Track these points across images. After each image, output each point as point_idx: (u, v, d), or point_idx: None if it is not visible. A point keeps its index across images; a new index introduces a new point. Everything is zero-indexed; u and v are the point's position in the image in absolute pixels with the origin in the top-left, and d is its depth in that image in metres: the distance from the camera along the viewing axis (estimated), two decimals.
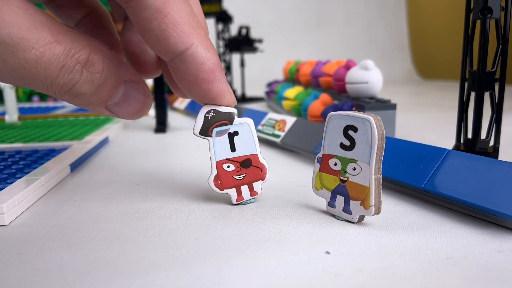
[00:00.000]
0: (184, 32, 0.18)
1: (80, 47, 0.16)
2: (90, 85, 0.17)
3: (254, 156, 0.23)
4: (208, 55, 0.19)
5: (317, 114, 0.40)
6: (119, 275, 0.16)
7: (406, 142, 0.25)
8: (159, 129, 0.49)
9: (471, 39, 0.27)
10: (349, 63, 0.43)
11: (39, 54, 0.15)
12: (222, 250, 0.18)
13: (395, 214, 0.22)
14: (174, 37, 0.17)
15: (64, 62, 0.16)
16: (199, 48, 0.18)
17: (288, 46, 1.64)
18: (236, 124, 0.22)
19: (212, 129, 0.22)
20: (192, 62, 0.19)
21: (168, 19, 0.17)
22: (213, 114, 0.22)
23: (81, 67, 0.17)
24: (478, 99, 0.27)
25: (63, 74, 0.16)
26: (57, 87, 0.17)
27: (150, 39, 0.18)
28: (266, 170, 0.23)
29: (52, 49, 0.16)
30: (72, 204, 0.24)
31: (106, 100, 0.19)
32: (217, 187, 0.23)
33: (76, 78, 0.17)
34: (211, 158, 0.22)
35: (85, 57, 0.17)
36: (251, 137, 0.23)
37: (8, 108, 0.47)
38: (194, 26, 0.18)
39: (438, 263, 0.16)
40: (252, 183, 0.23)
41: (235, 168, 0.23)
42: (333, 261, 0.16)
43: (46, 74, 0.16)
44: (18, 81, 0.16)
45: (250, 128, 0.23)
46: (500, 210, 0.18)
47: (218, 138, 0.22)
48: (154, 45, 0.18)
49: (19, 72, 0.16)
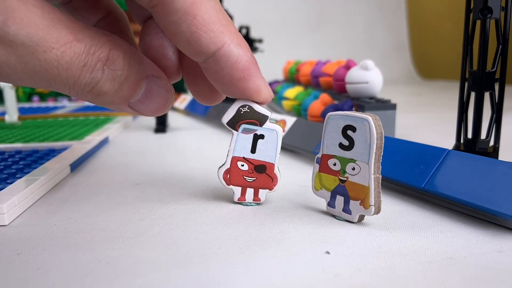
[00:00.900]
0: (215, 32, 0.17)
1: (100, 44, 0.16)
2: (112, 83, 0.17)
3: (271, 164, 0.23)
4: (241, 52, 0.18)
5: (317, 114, 0.40)
6: (119, 275, 0.16)
7: (406, 142, 0.25)
8: (159, 129, 0.49)
9: (471, 39, 0.27)
10: (349, 63, 0.43)
11: (60, 54, 0.15)
12: (222, 250, 0.18)
13: (395, 214, 0.22)
14: (205, 38, 0.17)
15: (85, 61, 0.16)
16: (231, 47, 0.18)
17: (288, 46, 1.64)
18: (266, 128, 0.22)
19: (241, 124, 0.22)
20: (226, 62, 0.18)
21: (197, 20, 0.16)
22: (246, 110, 0.21)
23: (102, 65, 0.16)
24: (478, 99, 0.27)
25: (85, 73, 0.16)
26: (79, 87, 0.16)
27: (180, 43, 0.17)
28: (277, 182, 0.23)
29: (73, 48, 0.15)
30: (72, 204, 0.24)
31: (128, 98, 0.18)
32: (225, 180, 0.22)
33: (98, 76, 0.16)
34: (228, 151, 0.22)
35: (106, 55, 0.16)
36: (275, 146, 0.22)
37: (8, 108, 0.47)
38: (224, 24, 0.17)
39: (438, 263, 0.16)
40: (258, 189, 0.23)
41: (248, 169, 0.22)
42: (333, 261, 0.16)
43: (68, 75, 0.15)
44: (40, 83, 0.16)
45: (278, 136, 0.22)
46: (500, 210, 0.18)
47: (243, 135, 0.22)
48: (185, 48, 0.17)
49: (41, 74, 0.15)
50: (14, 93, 0.47)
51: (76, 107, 0.68)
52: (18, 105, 0.64)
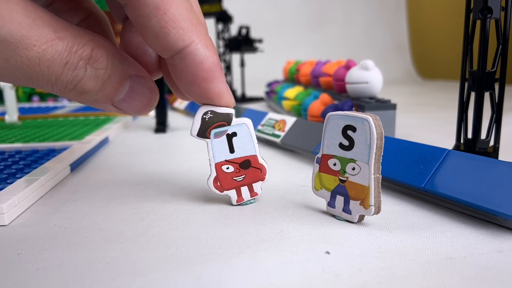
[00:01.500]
0: (184, 29, 0.17)
1: (83, 43, 0.16)
2: (95, 81, 0.17)
3: (253, 157, 0.23)
4: (208, 54, 0.19)
5: (317, 114, 0.40)
6: (119, 275, 0.16)
7: (406, 142, 0.25)
8: (159, 129, 0.49)
9: (471, 39, 0.27)
10: (349, 63, 0.43)
11: (41, 52, 0.15)
12: (222, 250, 0.18)
13: (395, 214, 0.22)
14: (174, 34, 0.17)
15: (67, 59, 0.16)
16: (198, 46, 0.18)
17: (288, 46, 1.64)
18: (234, 125, 0.22)
19: (210, 130, 0.22)
20: (191, 60, 0.18)
21: (167, 16, 0.17)
22: (210, 116, 0.21)
23: (84, 63, 0.16)
24: (478, 99, 0.27)
25: (66, 71, 0.16)
26: (61, 85, 0.16)
27: (149, 37, 0.17)
28: (266, 171, 0.23)
29: (55, 45, 0.15)
30: (72, 204, 0.24)
31: (112, 97, 0.18)
32: (217, 189, 0.23)
33: (81, 74, 0.16)
34: (210, 160, 0.22)
35: (88, 53, 0.16)
36: (249, 138, 0.22)
37: (8, 108, 0.47)
38: (194, 23, 0.18)
39: (438, 263, 0.16)
40: (252, 184, 0.23)
41: (234, 169, 0.23)
42: (333, 261, 0.16)
43: (50, 72, 0.16)
44: (22, 81, 0.16)
45: (249, 128, 0.22)
46: (500, 210, 0.18)
47: (216, 140, 0.22)
48: (153, 43, 0.18)
49: (22, 71, 0.15)
50: (14, 93, 0.47)
51: (76, 107, 0.68)
52: (18, 105, 0.64)
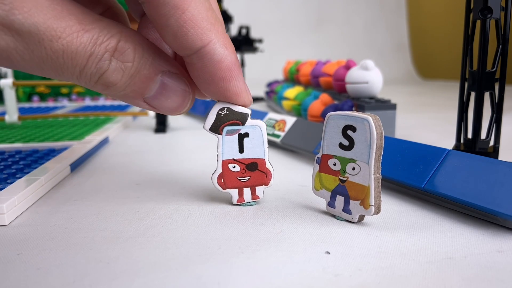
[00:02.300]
0: (202, 29, 0.17)
1: (109, 35, 0.16)
2: (120, 74, 0.17)
3: (261, 160, 0.22)
4: (226, 53, 0.18)
5: (317, 114, 0.40)
6: (119, 275, 0.16)
7: (406, 142, 0.25)
8: (159, 129, 0.49)
9: (471, 39, 0.27)
10: (349, 63, 0.43)
11: (65, 44, 0.15)
12: (222, 250, 0.18)
13: (395, 214, 0.22)
14: (192, 33, 0.17)
15: (91, 51, 0.16)
16: (217, 45, 0.18)
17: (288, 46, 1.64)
18: (248, 125, 0.22)
19: (223, 127, 0.22)
20: (209, 60, 0.18)
21: (186, 15, 0.16)
22: (226, 112, 0.21)
23: (109, 56, 0.16)
24: (478, 99, 0.27)
25: (91, 63, 0.16)
26: (86, 77, 0.16)
27: (167, 36, 0.17)
28: (271, 176, 0.23)
29: (80, 37, 0.15)
30: (72, 204, 0.24)
31: (142, 92, 0.18)
32: (220, 186, 0.22)
33: (105, 67, 0.16)
34: (217, 156, 0.22)
35: (114, 45, 0.16)
36: (261, 141, 0.22)
37: (8, 108, 0.47)
38: (212, 22, 0.17)
39: (438, 263, 0.16)
40: (255, 187, 0.23)
41: (240, 169, 0.22)
42: (333, 261, 0.16)
43: (74, 64, 0.16)
44: (49, 73, 0.16)
45: (262, 131, 0.22)
46: (500, 210, 0.18)
47: (227, 137, 0.22)
48: (172, 42, 0.17)
49: (48, 63, 0.15)
50: (14, 93, 0.47)
51: (76, 107, 0.68)
52: (18, 105, 0.64)
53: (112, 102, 0.75)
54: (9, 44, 0.15)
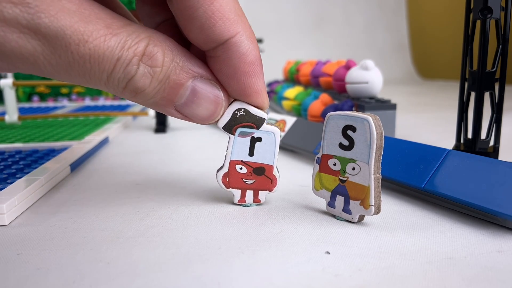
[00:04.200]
0: (230, 20, 0.17)
1: (137, 39, 0.16)
2: (148, 80, 0.16)
3: (270, 166, 0.22)
4: (252, 47, 0.18)
5: (317, 114, 0.40)
6: (119, 275, 0.16)
7: (406, 142, 0.25)
8: (159, 129, 0.49)
9: (471, 39, 0.27)
10: (349, 63, 0.43)
11: (92, 48, 0.15)
12: (222, 250, 0.18)
13: (395, 214, 0.22)
14: (220, 24, 0.17)
15: (119, 55, 0.15)
16: (243, 38, 0.18)
17: (288, 46, 1.64)
18: (263, 130, 0.22)
19: (237, 127, 0.21)
20: (235, 51, 0.18)
21: (214, 6, 0.16)
22: (242, 114, 0.21)
23: (138, 60, 0.16)
24: (478, 99, 0.27)
25: (118, 67, 0.16)
26: (113, 83, 0.16)
27: (193, 29, 0.17)
28: (276, 183, 0.23)
29: (107, 41, 0.15)
30: (72, 204, 0.24)
31: (172, 99, 0.17)
32: (224, 184, 0.22)
33: (132, 72, 0.16)
34: (226, 155, 0.22)
35: (142, 49, 0.16)
36: (273, 148, 0.22)
37: (8, 108, 0.47)
38: (239, 14, 0.17)
39: (438, 263, 0.16)
40: (258, 191, 0.23)
41: (247, 172, 0.22)
42: (333, 261, 0.16)
43: (101, 69, 0.15)
44: (76, 78, 0.16)
45: (275, 138, 0.22)
46: (500, 210, 0.18)
47: (240, 138, 0.22)
48: (198, 35, 0.17)
49: (75, 67, 0.15)
50: (14, 93, 0.47)
51: (76, 107, 0.68)
52: (18, 105, 0.64)
53: (112, 102, 0.75)
54: (36, 48, 0.14)
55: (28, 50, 0.14)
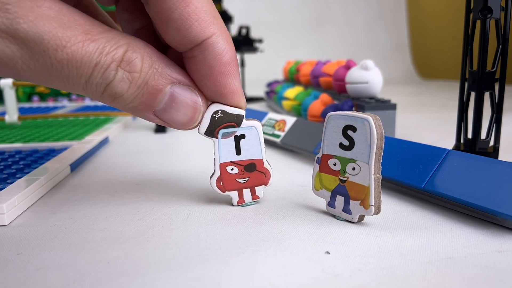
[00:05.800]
0: (206, 22, 0.17)
1: (116, 45, 0.16)
2: (126, 85, 0.16)
3: (259, 160, 0.22)
4: (228, 48, 0.18)
5: (317, 114, 0.40)
6: (119, 275, 0.16)
7: (406, 142, 0.25)
8: (159, 129, 0.49)
9: (471, 39, 0.27)
10: (349, 63, 0.43)
11: (70, 53, 0.15)
12: (222, 250, 0.18)
13: (395, 214, 0.22)
14: (196, 26, 0.17)
15: (97, 60, 0.15)
16: (219, 39, 0.18)
17: (288, 46, 1.64)
18: (244, 127, 0.22)
19: (219, 130, 0.21)
20: (211, 52, 0.18)
21: (190, 8, 0.16)
22: (220, 115, 0.21)
23: (116, 66, 0.16)
24: (478, 99, 0.27)
25: (96, 73, 0.16)
26: (92, 87, 0.16)
27: (170, 31, 0.17)
28: (270, 176, 0.23)
29: (85, 47, 0.15)
30: (72, 204, 0.24)
31: (151, 105, 0.18)
32: (219, 189, 0.22)
33: (110, 77, 0.16)
34: (215, 160, 0.22)
35: (120, 55, 0.16)
36: (257, 141, 0.22)
37: (8, 108, 0.47)
38: (215, 16, 0.18)
39: (438, 263, 0.16)
40: (254, 187, 0.23)
41: (239, 171, 0.22)
42: (333, 261, 0.16)
43: (79, 74, 0.15)
44: (55, 83, 0.16)
45: (258, 132, 0.22)
46: (500, 210, 0.18)
47: (224, 140, 0.22)
48: (174, 37, 0.17)
49: (53, 72, 0.15)
50: (14, 93, 0.47)
51: (76, 107, 0.68)
52: (18, 105, 0.64)
53: None
54: (15, 53, 0.15)
55: (7, 55, 0.15)
